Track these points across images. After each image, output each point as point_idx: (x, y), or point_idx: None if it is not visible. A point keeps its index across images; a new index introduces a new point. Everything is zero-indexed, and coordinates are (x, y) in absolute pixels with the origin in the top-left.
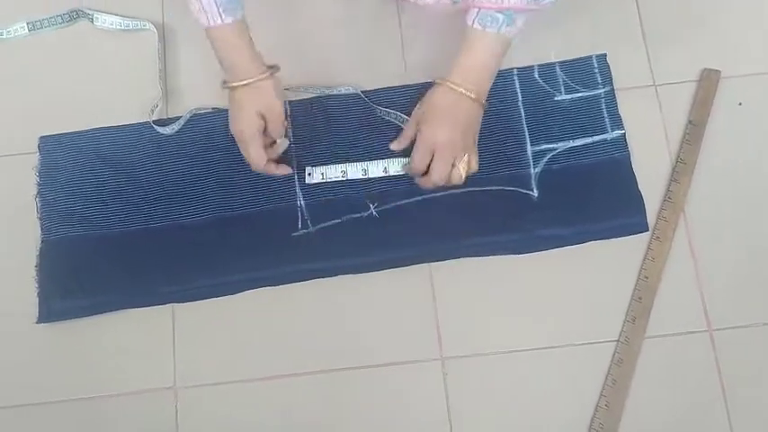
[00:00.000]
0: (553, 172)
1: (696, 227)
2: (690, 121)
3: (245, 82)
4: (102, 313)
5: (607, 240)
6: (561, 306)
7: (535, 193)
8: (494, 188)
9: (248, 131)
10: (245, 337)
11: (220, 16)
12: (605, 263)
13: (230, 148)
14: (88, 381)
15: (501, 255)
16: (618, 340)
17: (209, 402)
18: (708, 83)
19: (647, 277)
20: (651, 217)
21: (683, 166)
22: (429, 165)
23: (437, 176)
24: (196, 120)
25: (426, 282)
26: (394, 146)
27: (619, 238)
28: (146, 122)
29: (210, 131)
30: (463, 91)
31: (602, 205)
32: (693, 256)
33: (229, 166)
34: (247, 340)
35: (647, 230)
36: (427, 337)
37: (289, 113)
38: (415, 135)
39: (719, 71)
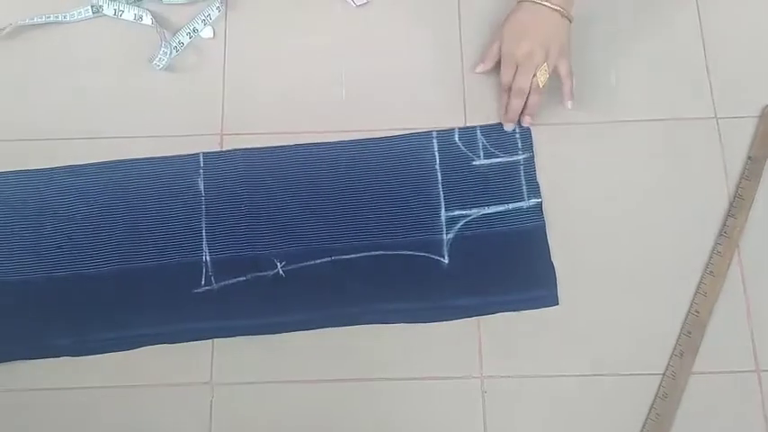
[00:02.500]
0: (466, 239)
1: (751, 264)
2: (749, 157)
3: None
4: None
5: (658, 273)
6: (608, 335)
7: (446, 260)
8: (405, 252)
9: None
10: (285, 338)
11: None
12: (655, 295)
13: (138, 197)
14: (125, 369)
15: (407, 323)
16: (664, 374)
17: (245, 400)
18: None
19: (697, 312)
20: (705, 251)
21: (740, 202)
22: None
23: (516, 85)
24: (107, 168)
25: None
26: (479, 68)
27: (671, 272)
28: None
29: (120, 180)
30: (547, 4)
31: (514, 276)
32: (746, 293)
33: (137, 216)
34: (287, 342)
35: (557, 304)
36: (468, 353)
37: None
38: (496, 48)
39: None
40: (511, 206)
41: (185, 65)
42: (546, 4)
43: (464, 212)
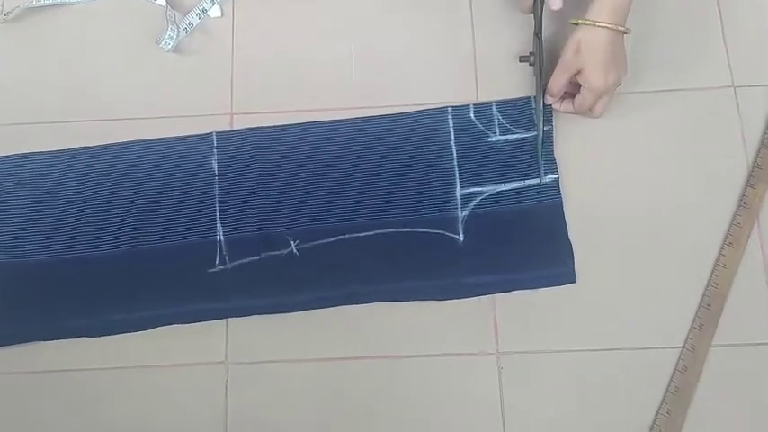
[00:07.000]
0: (481, 216)
1: None
2: None
3: None
4: (11, 345)
5: (677, 245)
6: (625, 308)
7: (461, 238)
8: (419, 230)
9: None
10: (300, 316)
11: None
12: (673, 267)
13: (152, 178)
14: (140, 350)
15: (424, 300)
16: (683, 347)
17: (260, 379)
18: None
19: (717, 284)
20: (725, 222)
21: (759, 171)
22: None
23: (596, 112)
24: (119, 149)
25: None
26: (550, 101)
27: (689, 243)
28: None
29: (133, 161)
30: (616, 27)
31: (530, 253)
32: (766, 264)
33: (151, 197)
34: (301, 320)
35: (574, 281)
36: (484, 330)
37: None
38: (569, 78)
39: None
40: (527, 182)
41: (194, 44)
42: (616, 27)
43: (479, 189)
